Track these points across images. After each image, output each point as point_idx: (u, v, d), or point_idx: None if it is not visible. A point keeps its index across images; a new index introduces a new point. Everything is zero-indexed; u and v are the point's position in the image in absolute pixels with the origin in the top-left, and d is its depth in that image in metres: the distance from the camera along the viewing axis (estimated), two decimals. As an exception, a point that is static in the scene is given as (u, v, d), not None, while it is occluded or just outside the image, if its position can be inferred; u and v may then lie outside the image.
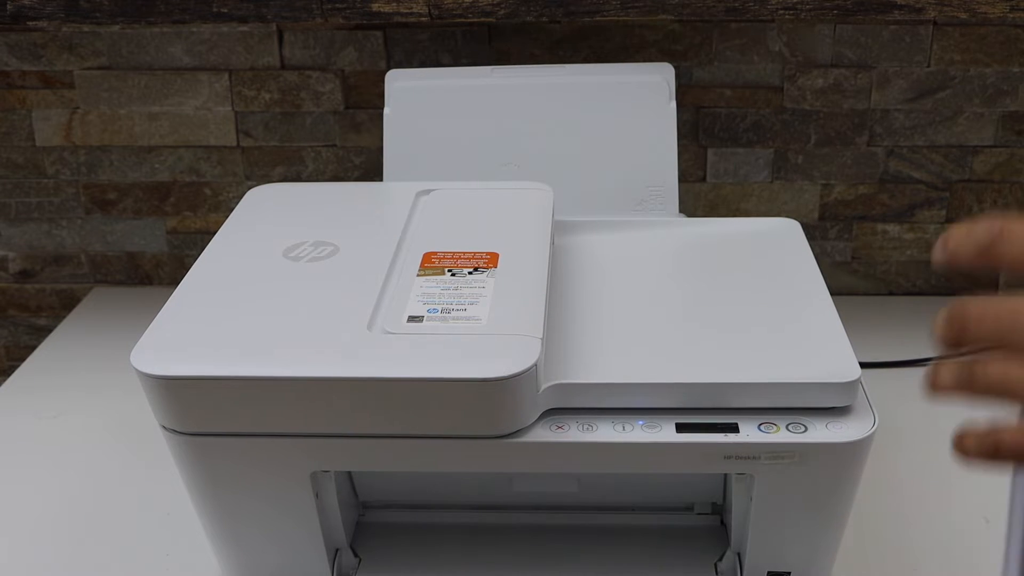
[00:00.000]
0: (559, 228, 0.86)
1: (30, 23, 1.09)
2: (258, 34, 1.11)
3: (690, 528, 0.80)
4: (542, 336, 0.66)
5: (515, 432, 0.65)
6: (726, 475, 0.76)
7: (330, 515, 0.74)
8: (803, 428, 0.65)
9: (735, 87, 1.11)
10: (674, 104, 0.96)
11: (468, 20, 1.04)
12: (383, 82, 0.99)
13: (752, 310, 0.74)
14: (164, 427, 0.67)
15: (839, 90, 1.10)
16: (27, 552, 0.83)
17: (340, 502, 0.74)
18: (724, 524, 0.80)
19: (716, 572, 0.76)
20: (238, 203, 0.86)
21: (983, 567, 0.79)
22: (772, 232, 0.85)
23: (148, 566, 0.81)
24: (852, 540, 0.79)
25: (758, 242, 0.84)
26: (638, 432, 0.66)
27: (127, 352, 0.65)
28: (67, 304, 1.25)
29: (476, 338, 0.66)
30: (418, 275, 0.73)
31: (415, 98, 0.98)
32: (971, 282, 1.18)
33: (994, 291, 1.18)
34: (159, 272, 1.23)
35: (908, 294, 1.19)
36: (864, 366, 0.68)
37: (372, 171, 1.16)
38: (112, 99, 1.15)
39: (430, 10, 1.00)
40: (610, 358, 0.69)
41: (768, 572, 0.73)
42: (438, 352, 0.65)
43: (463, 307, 0.69)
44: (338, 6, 1.00)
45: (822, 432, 0.65)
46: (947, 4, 0.97)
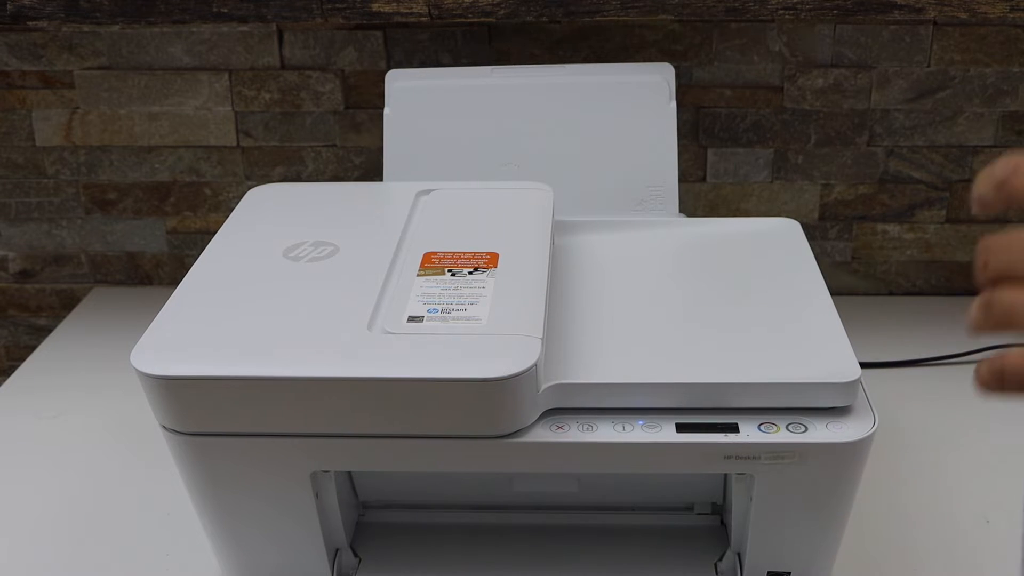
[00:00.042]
0: (559, 228, 0.86)
1: (30, 23, 1.09)
2: (258, 34, 1.11)
3: (690, 528, 0.80)
4: (542, 336, 0.66)
5: (515, 432, 0.65)
6: (726, 475, 0.76)
7: (330, 515, 0.74)
8: (803, 428, 0.65)
9: (735, 87, 1.11)
10: (674, 104, 0.96)
11: (468, 20, 1.04)
12: (383, 82, 0.99)
13: (752, 310, 0.74)
14: (164, 427, 0.67)
15: (839, 90, 1.10)
16: (27, 552, 0.83)
17: (340, 502, 0.74)
18: (724, 524, 0.80)
19: (716, 572, 0.76)
20: (238, 203, 0.86)
21: (983, 567, 0.79)
22: (772, 232, 0.85)
23: (148, 566, 0.81)
24: (852, 540, 0.79)
25: (758, 242, 0.84)
26: (638, 432, 0.66)
27: (127, 352, 0.65)
28: (67, 304, 1.25)
29: (476, 338, 0.66)
30: (418, 275, 0.73)
31: (415, 98, 0.98)
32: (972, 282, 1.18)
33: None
34: (159, 272, 1.23)
35: (908, 294, 1.19)
36: (864, 366, 0.68)
37: (372, 171, 1.16)
38: (112, 99, 1.15)
39: (430, 10, 1.00)
40: (610, 358, 0.69)
41: (768, 572, 0.73)
42: (438, 352, 0.65)
43: (463, 307, 0.69)
44: (338, 6, 1.00)
45: (822, 432, 0.65)
46: (947, 4, 0.97)
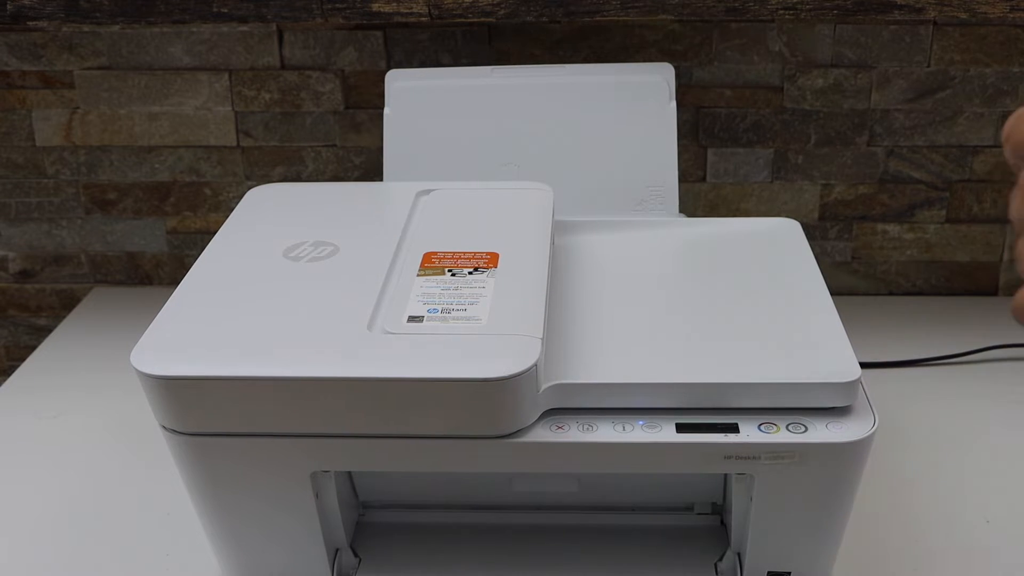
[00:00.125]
0: (559, 228, 0.85)
1: (30, 23, 1.09)
2: (258, 34, 1.11)
3: (690, 528, 0.80)
4: (542, 336, 0.66)
5: (515, 432, 0.65)
6: (726, 475, 0.76)
7: (330, 515, 0.74)
8: (803, 428, 0.65)
9: (735, 87, 1.11)
10: (674, 104, 0.96)
11: (468, 20, 1.04)
12: (383, 82, 0.99)
13: (752, 310, 0.74)
14: (164, 427, 0.67)
15: (839, 90, 1.10)
16: (27, 552, 0.83)
17: (340, 502, 0.74)
18: (724, 524, 0.80)
19: (716, 572, 0.76)
20: (238, 203, 0.86)
21: (984, 567, 0.79)
22: (772, 232, 0.85)
23: (148, 566, 0.81)
24: (852, 540, 0.79)
25: (758, 242, 0.84)
26: (638, 432, 0.66)
27: (127, 352, 0.65)
28: (67, 304, 1.25)
29: (476, 338, 0.66)
30: (418, 275, 0.73)
31: (415, 98, 0.98)
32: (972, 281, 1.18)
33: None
34: (159, 272, 1.23)
35: (908, 294, 1.19)
36: (864, 366, 0.68)
37: (372, 171, 1.16)
38: (112, 99, 1.15)
39: (430, 10, 1.00)
40: (610, 358, 0.69)
41: (768, 572, 0.73)
42: (438, 352, 0.65)
43: (463, 307, 0.69)
44: (338, 6, 1.00)
45: (822, 432, 0.65)
46: (947, 4, 0.97)
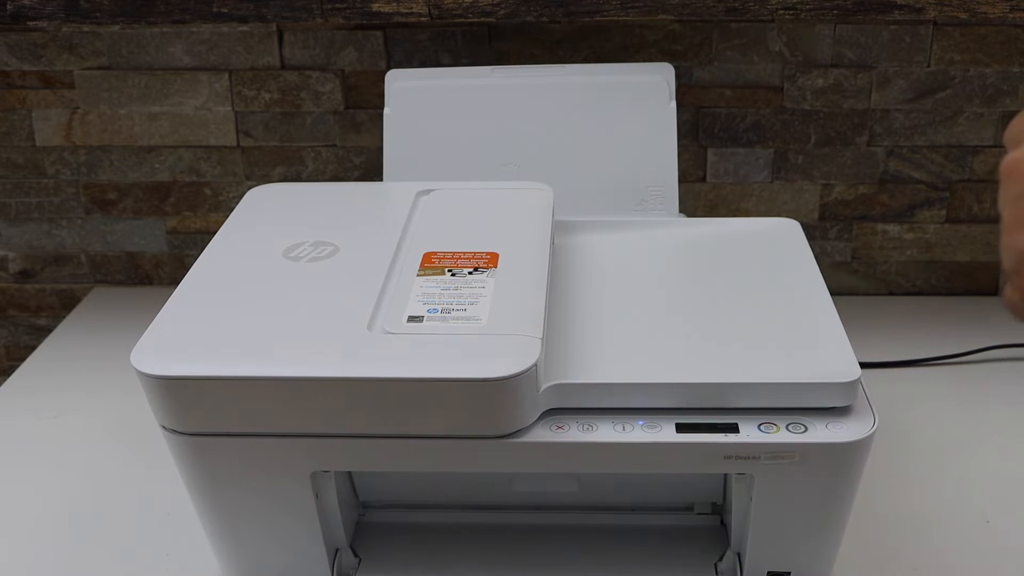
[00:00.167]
0: (559, 228, 0.85)
1: (30, 23, 1.09)
2: (258, 34, 1.11)
3: (690, 528, 0.80)
4: (542, 336, 0.66)
5: (515, 432, 0.65)
6: (726, 475, 0.76)
7: (330, 515, 0.74)
8: (803, 428, 0.65)
9: (735, 87, 1.11)
10: (674, 104, 0.96)
11: (468, 20, 1.04)
12: (383, 82, 0.99)
13: (752, 310, 0.74)
14: (164, 427, 0.67)
15: (839, 90, 1.10)
16: (27, 552, 0.82)
17: (340, 502, 0.74)
18: (724, 524, 0.80)
19: (716, 572, 0.76)
20: (238, 203, 0.86)
21: (983, 567, 0.79)
22: (772, 232, 0.85)
23: (148, 566, 0.81)
24: (852, 540, 0.79)
25: (758, 242, 0.84)
26: (638, 432, 0.66)
27: (127, 352, 0.65)
28: (67, 304, 1.25)
29: (476, 338, 0.66)
30: (418, 275, 0.73)
31: (415, 98, 0.98)
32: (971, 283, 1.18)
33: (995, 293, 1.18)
34: (159, 272, 1.23)
35: (908, 294, 1.19)
36: (864, 366, 0.68)
37: (372, 171, 1.16)
38: (112, 99, 1.15)
39: (430, 10, 1.00)
40: (610, 358, 0.69)
41: (768, 572, 0.73)
42: (438, 352, 0.65)
43: (463, 307, 0.69)
44: (338, 6, 1.00)
45: (822, 432, 0.65)
46: (947, 4, 0.97)
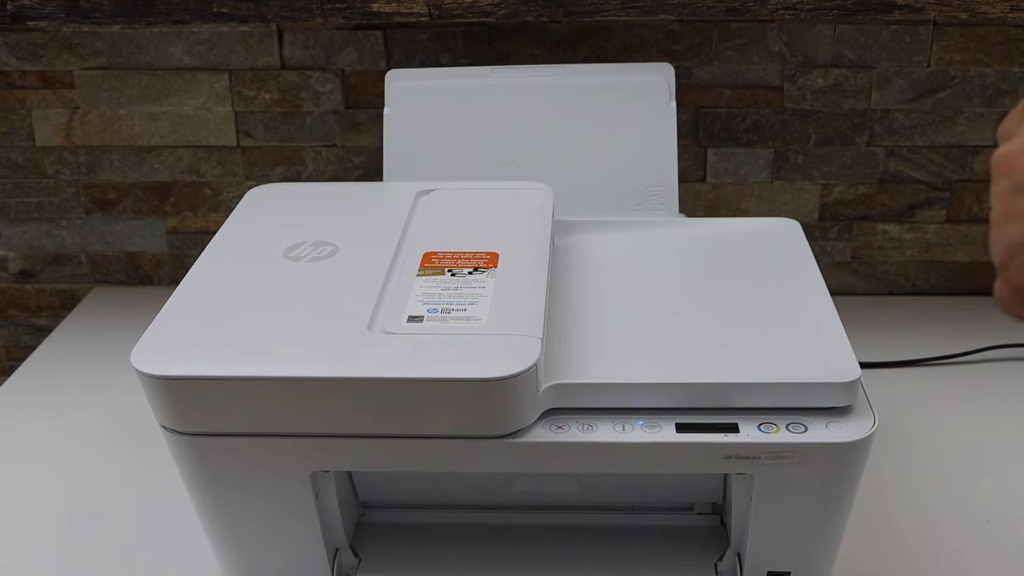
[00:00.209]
0: (559, 228, 0.85)
1: (30, 23, 1.09)
2: (258, 34, 1.11)
3: (690, 528, 0.80)
4: (542, 336, 0.66)
5: (515, 432, 0.65)
6: (726, 475, 0.76)
7: (330, 515, 0.74)
8: (803, 428, 0.65)
9: (735, 87, 1.11)
10: (674, 104, 0.96)
11: (468, 20, 1.04)
12: (383, 82, 0.99)
13: (752, 310, 0.74)
14: (164, 427, 0.67)
15: (839, 90, 1.10)
16: (27, 552, 0.82)
17: (340, 502, 0.74)
18: (724, 524, 0.80)
19: (716, 572, 0.76)
20: (238, 203, 0.86)
21: (983, 567, 0.79)
22: (772, 232, 0.85)
23: (148, 566, 0.81)
24: (852, 540, 0.79)
25: (758, 242, 0.84)
26: (638, 432, 0.66)
27: (127, 352, 0.65)
28: (67, 304, 1.25)
29: (476, 338, 0.66)
30: (418, 275, 0.73)
31: (415, 98, 0.98)
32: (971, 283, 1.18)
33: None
34: (159, 272, 1.23)
35: (908, 294, 1.19)
36: (864, 366, 0.68)
37: (372, 171, 1.16)
38: (112, 99, 1.15)
39: (430, 10, 1.00)
40: (610, 358, 0.69)
41: (768, 572, 0.73)
42: (438, 352, 0.65)
43: (463, 307, 0.69)
44: (338, 6, 1.00)
45: (822, 432, 0.65)
46: (947, 4, 0.97)
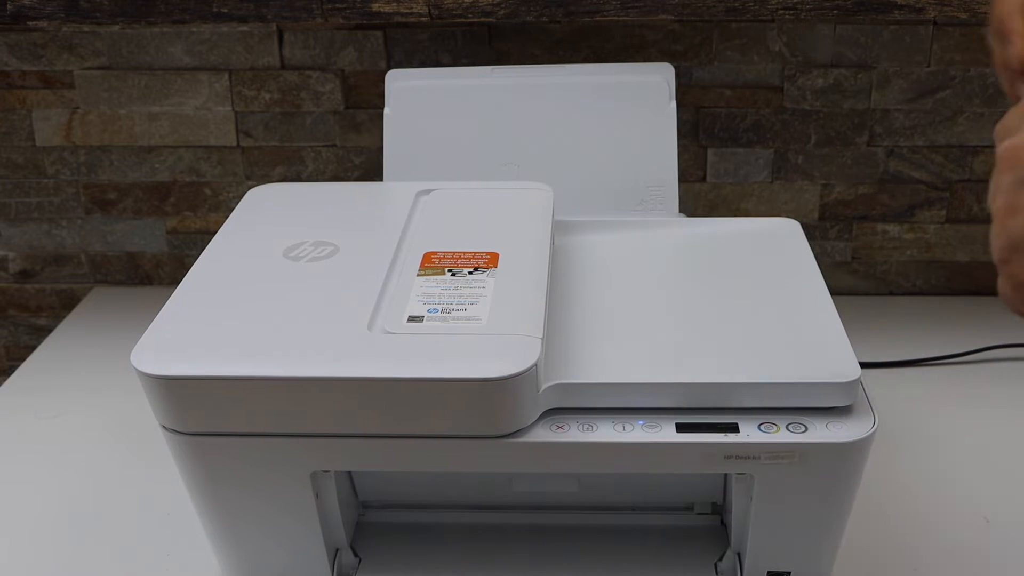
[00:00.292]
0: (559, 228, 0.85)
1: (30, 23, 1.09)
2: (258, 34, 1.11)
3: (690, 528, 0.80)
4: (542, 336, 0.66)
5: (515, 432, 0.65)
6: (726, 475, 0.76)
7: (330, 515, 0.74)
8: (803, 428, 0.65)
9: (735, 87, 1.11)
10: (674, 104, 0.96)
11: (468, 20, 1.04)
12: (383, 82, 0.99)
13: (752, 310, 0.74)
14: (164, 427, 0.67)
15: (839, 90, 1.10)
16: (27, 552, 0.82)
17: (340, 502, 0.74)
18: (724, 524, 0.80)
19: (716, 572, 0.76)
20: (238, 203, 0.86)
21: (983, 567, 0.79)
22: (772, 232, 0.85)
23: (148, 566, 0.81)
24: (852, 540, 0.79)
25: (758, 242, 0.84)
26: (638, 432, 0.66)
27: (127, 352, 0.65)
28: (67, 304, 1.25)
29: (476, 338, 0.66)
30: (418, 275, 0.73)
31: (415, 98, 0.98)
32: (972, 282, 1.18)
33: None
34: (159, 272, 1.23)
35: (908, 294, 1.19)
36: (864, 366, 0.68)
37: (372, 171, 1.16)
38: (112, 99, 1.15)
39: (430, 10, 1.00)
40: (610, 358, 0.69)
41: (768, 572, 0.73)
42: (438, 352, 0.65)
43: (463, 307, 0.69)
44: (338, 6, 1.00)
45: (822, 432, 0.65)
46: (947, 4, 0.97)
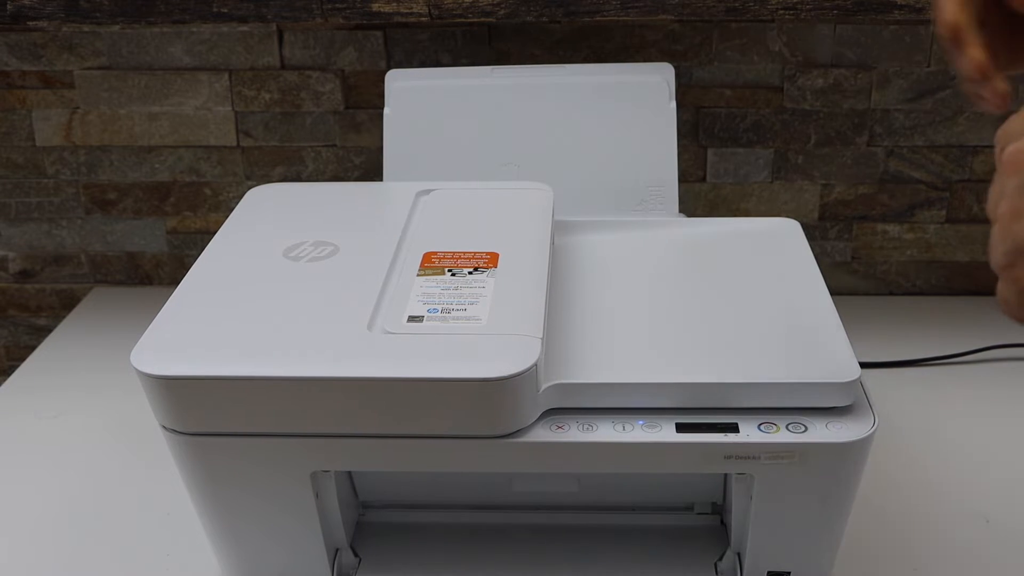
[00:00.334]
0: (559, 228, 0.85)
1: (30, 23, 1.09)
2: (258, 34, 1.11)
3: (690, 528, 0.80)
4: (542, 336, 0.66)
5: (515, 432, 0.65)
6: (726, 475, 0.76)
7: (330, 515, 0.74)
8: (803, 428, 0.65)
9: (735, 87, 1.11)
10: (674, 104, 0.96)
11: (468, 20, 1.04)
12: (383, 82, 0.99)
13: (752, 310, 0.74)
14: (164, 427, 0.67)
15: (839, 90, 1.10)
16: (27, 552, 0.82)
17: (340, 502, 0.74)
18: (724, 524, 0.80)
19: (716, 572, 0.76)
20: (238, 203, 0.86)
21: (983, 567, 0.79)
22: (772, 232, 0.85)
23: (148, 566, 0.81)
24: (852, 540, 0.79)
25: (758, 242, 0.84)
26: (638, 432, 0.66)
27: (127, 352, 0.65)
28: (67, 304, 1.25)
29: (476, 338, 0.66)
30: (418, 275, 0.73)
31: (415, 98, 0.98)
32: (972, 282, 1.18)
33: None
34: (159, 272, 1.23)
35: (908, 294, 1.19)
36: (864, 366, 0.68)
37: (372, 171, 1.16)
38: (112, 99, 1.15)
39: (430, 10, 1.00)
40: (610, 358, 0.69)
41: (768, 572, 0.73)
42: (438, 352, 0.65)
43: (463, 307, 0.69)
44: (338, 6, 1.00)
45: (822, 432, 0.65)
46: (947, 4, 0.97)
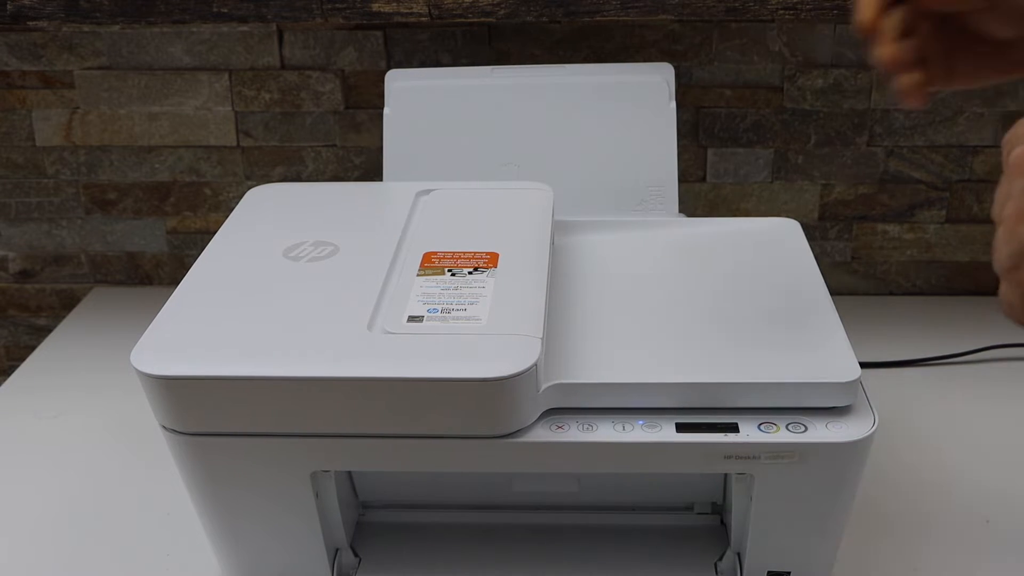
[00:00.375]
0: (559, 228, 0.85)
1: (30, 23, 1.09)
2: (258, 34, 1.11)
3: (690, 528, 0.80)
4: (542, 336, 0.66)
5: (515, 432, 0.65)
6: (726, 475, 0.76)
7: (330, 515, 0.74)
8: (803, 428, 0.65)
9: (735, 87, 1.11)
10: (674, 104, 0.96)
11: (468, 20, 1.04)
12: (383, 82, 0.99)
13: (752, 310, 0.74)
14: (164, 427, 0.67)
15: (839, 90, 1.10)
16: (27, 552, 0.82)
17: (340, 502, 0.74)
18: (724, 524, 0.80)
19: (716, 572, 0.76)
20: (238, 203, 0.86)
21: (983, 567, 0.79)
22: (772, 232, 0.85)
23: (148, 566, 0.81)
24: (852, 540, 0.79)
25: (758, 242, 0.84)
26: (638, 432, 0.66)
27: (127, 352, 0.65)
28: (67, 304, 1.25)
29: (476, 338, 0.66)
30: (418, 275, 0.73)
31: (415, 98, 0.98)
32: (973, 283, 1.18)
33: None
34: (159, 272, 1.23)
35: (908, 294, 1.19)
36: (864, 366, 0.68)
37: (372, 171, 1.16)
38: (112, 99, 1.15)
39: (430, 10, 1.00)
40: (610, 358, 0.69)
41: (768, 572, 0.73)
42: (438, 352, 0.65)
43: (463, 307, 0.69)
44: (338, 6, 1.00)
45: (822, 432, 0.65)
46: (947, 4, 0.97)
